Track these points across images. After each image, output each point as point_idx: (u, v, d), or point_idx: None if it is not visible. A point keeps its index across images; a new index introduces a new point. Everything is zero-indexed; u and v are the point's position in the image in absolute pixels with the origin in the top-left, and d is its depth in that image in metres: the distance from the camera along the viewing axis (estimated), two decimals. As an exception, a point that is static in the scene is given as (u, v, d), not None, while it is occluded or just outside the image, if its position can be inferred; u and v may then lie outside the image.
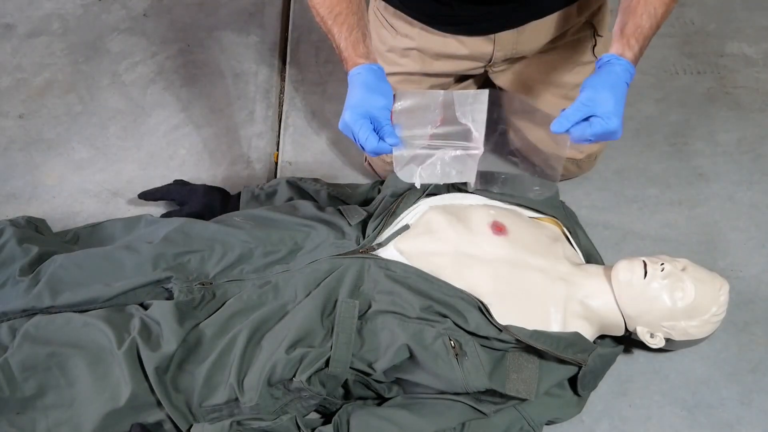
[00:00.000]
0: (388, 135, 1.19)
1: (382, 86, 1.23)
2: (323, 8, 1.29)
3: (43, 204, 1.75)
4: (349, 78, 1.25)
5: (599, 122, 1.17)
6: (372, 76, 1.23)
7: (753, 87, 1.97)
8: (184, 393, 1.26)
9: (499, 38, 1.48)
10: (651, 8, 1.23)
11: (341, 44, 1.27)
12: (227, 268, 1.36)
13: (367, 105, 1.20)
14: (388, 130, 1.20)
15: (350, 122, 1.20)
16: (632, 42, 1.22)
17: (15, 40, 2.12)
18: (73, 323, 1.28)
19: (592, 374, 1.33)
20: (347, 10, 1.27)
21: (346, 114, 1.20)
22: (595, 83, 1.19)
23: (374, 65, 1.25)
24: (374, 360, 1.28)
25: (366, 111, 1.20)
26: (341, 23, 1.27)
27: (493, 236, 1.37)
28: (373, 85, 1.22)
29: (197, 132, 1.90)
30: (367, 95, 1.21)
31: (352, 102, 1.21)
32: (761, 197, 1.73)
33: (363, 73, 1.24)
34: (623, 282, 1.34)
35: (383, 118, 1.20)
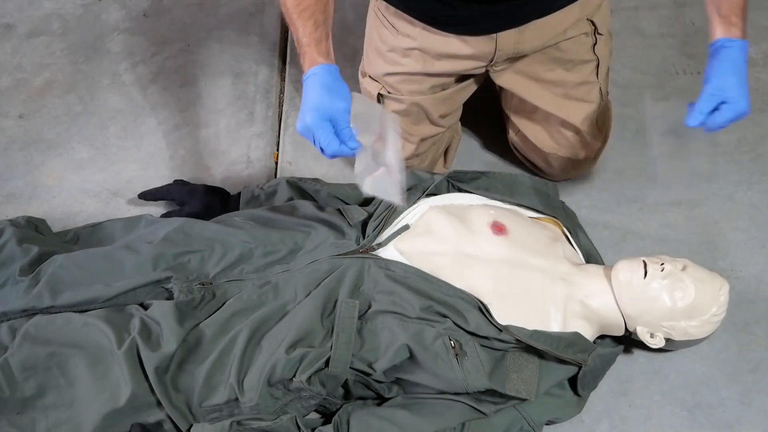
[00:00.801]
0: (349, 139, 1.19)
1: (341, 88, 1.22)
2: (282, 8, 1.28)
3: (43, 204, 1.75)
4: (307, 77, 1.23)
5: (729, 108, 1.22)
6: (330, 77, 1.22)
7: (753, 87, 1.95)
8: (184, 393, 1.26)
9: (501, 37, 1.48)
10: None
11: (303, 40, 1.24)
12: (227, 268, 1.36)
13: (328, 107, 1.19)
14: (348, 133, 1.19)
15: (312, 125, 1.18)
16: (734, 19, 1.24)
17: (15, 40, 2.12)
18: (73, 323, 1.28)
19: (592, 374, 1.33)
20: (314, 6, 1.25)
21: (307, 116, 1.19)
22: (717, 71, 1.22)
23: (333, 66, 1.24)
24: (374, 360, 1.28)
25: (326, 114, 1.19)
26: (307, 18, 1.24)
27: (493, 236, 1.37)
28: (333, 86, 1.21)
29: (197, 132, 1.90)
30: (327, 97, 1.20)
31: (312, 104, 1.20)
32: (761, 197, 1.73)
33: (321, 74, 1.22)
34: (623, 282, 1.34)
35: (343, 121, 1.19)
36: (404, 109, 1.57)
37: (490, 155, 1.83)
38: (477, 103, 1.79)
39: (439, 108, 1.60)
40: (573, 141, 1.63)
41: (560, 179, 1.74)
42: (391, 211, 1.41)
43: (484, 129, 1.86)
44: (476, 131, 1.87)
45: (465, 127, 1.85)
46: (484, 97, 1.79)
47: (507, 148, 1.79)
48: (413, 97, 1.55)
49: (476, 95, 1.71)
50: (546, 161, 1.70)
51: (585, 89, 1.59)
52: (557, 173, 1.72)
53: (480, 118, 1.86)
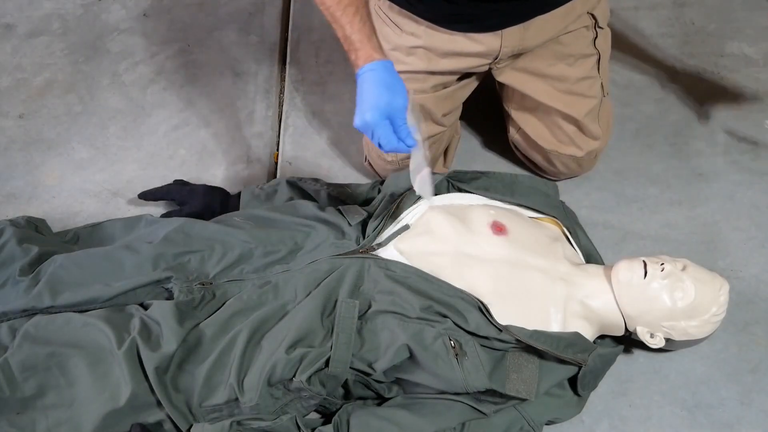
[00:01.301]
0: (407, 136, 1.21)
1: (399, 84, 1.22)
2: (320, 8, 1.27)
3: (43, 204, 1.75)
4: (362, 72, 1.23)
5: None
6: (388, 74, 1.23)
7: (753, 87, 1.97)
8: (184, 393, 1.26)
9: (506, 34, 1.48)
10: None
11: (352, 36, 1.24)
12: (227, 268, 1.36)
13: (387, 105, 1.20)
14: (406, 130, 1.21)
15: (372, 123, 1.20)
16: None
17: (15, 40, 2.12)
18: (73, 323, 1.28)
19: (592, 374, 1.33)
20: (354, 6, 1.25)
21: (367, 114, 1.20)
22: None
23: (388, 61, 1.24)
24: (374, 360, 1.28)
25: (386, 111, 1.20)
26: (353, 14, 1.24)
27: (493, 236, 1.37)
28: (391, 83, 1.22)
29: (197, 132, 1.90)
30: (386, 95, 1.20)
31: (372, 101, 1.20)
32: (761, 197, 1.73)
33: (379, 70, 1.22)
34: (623, 282, 1.34)
35: (401, 118, 1.21)
36: None
37: (490, 155, 1.83)
38: (477, 103, 1.79)
39: (440, 106, 1.60)
40: (574, 137, 1.63)
41: (560, 179, 1.74)
42: (391, 211, 1.41)
43: (484, 128, 1.86)
44: (476, 131, 1.87)
45: (465, 126, 1.85)
46: (485, 97, 1.79)
47: (507, 147, 1.79)
48: (414, 96, 1.55)
49: (477, 95, 1.71)
50: (547, 159, 1.70)
51: (587, 84, 1.59)
52: (558, 172, 1.72)
53: (480, 117, 1.86)
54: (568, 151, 1.65)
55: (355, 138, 1.84)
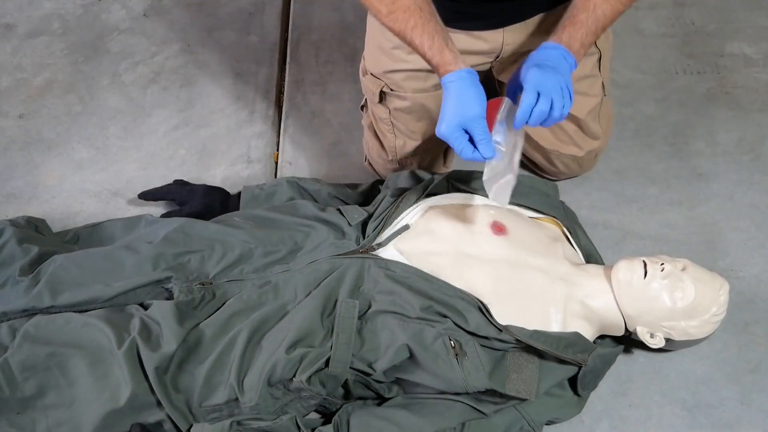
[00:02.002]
0: (484, 147, 1.23)
1: (474, 95, 1.25)
2: (398, 23, 1.30)
3: (43, 204, 1.75)
4: (443, 84, 1.28)
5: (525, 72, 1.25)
6: (463, 84, 1.26)
7: (753, 87, 1.97)
8: (184, 393, 1.26)
9: (508, 32, 1.48)
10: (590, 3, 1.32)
11: (427, 54, 1.29)
12: (227, 268, 1.36)
13: (461, 116, 1.23)
14: (484, 141, 1.23)
15: (446, 135, 1.24)
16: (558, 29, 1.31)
17: (15, 40, 2.13)
18: (73, 323, 1.28)
19: (592, 374, 1.33)
20: (422, 20, 1.29)
21: (443, 126, 1.24)
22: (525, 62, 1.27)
23: (463, 71, 1.27)
24: (374, 360, 1.28)
25: (460, 122, 1.23)
26: (421, 34, 1.29)
27: (493, 236, 1.37)
28: (465, 94, 1.25)
29: (197, 132, 1.90)
30: (460, 105, 1.24)
31: (447, 114, 1.24)
32: (761, 197, 1.73)
33: (455, 81, 1.26)
34: (623, 282, 1.34)
35: (478, 127, 1.23)
36: (407, 106, 1.57)
37: (490, 155, 1.83)
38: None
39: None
40: (575, 137, 1.63)
41: (560, 179, 1.74)
42: (391, 211, 1.41)
43: (484, 129, 1.86)
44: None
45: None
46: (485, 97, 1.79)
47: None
48: (416, 95, 1.55)
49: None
50: (547, 159, 1.70)
51: (588, 83, 1.59)
52: (558, 172, 1.72)
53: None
54: (569, 150, 1.66)
55: (355, 138, 1.84)
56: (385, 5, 1.29)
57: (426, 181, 1.50)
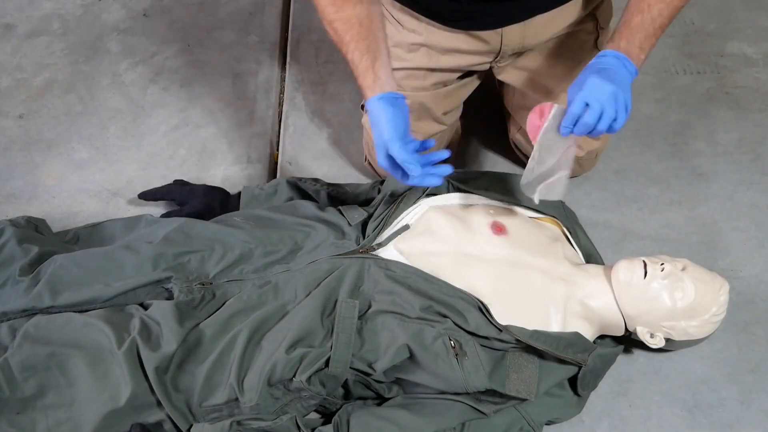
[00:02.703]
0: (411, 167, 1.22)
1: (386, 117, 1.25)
2: (336, 36, 1.31)
3: (43, 204, 1.75)
4: (367, 108, 1.30)
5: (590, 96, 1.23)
6: (376, 112, 1.27)
7: (753, 87, 1.97)
8: (184, 393, 1.26)
9: (507, 32, 1.48)
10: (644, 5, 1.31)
11: (354, 73, 1.31)
12: (227, 268, 1.36)
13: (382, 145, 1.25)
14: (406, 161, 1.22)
15: (385, 167, 1.27)
16: (615, 36, 1.28)
17: (15, 40, 2.12)
18: (73, 323, 1.28)
19: (592, 374, 1.33)
20: (358, 35, 1.29)
21: (379, 160, 1.26)
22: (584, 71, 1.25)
23: (374, 98, 1.28)
24: (374, 360, 1.28)
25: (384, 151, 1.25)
26: (352, 50, 1.30)
27: (493, 236, 1.37)
28: (378, 121, 1.26)
29: (197, 132, 1.90)
30: (377, 135, 1.26)
31: (376, 146, 1.27)
32: (761, 197, 1.73)
33: (370, 110, 1.28)
34: (623, 282, 1.34)
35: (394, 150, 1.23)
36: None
37: (490, 155, 1.83)
38: (478, 103, 1.79)
39: (441, 104, 1.60)
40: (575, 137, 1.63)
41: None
42: (391, 211, 1.41)
43: (485, 128, 1.86)
44: (477, 131, 1.87)
45: (465, 126, 1.85)
46: (485, 97, 1.79)
47: (508, 147, 1.79)
48: (415, 93, 1.55)
49: (477, 95, 1.71)
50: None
51: None
52: None
53: (480, 117, 1.86)
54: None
55: (355, 138, 1.84)
56: (329, 12, 1.30)
57: (426, 181, 1.50)
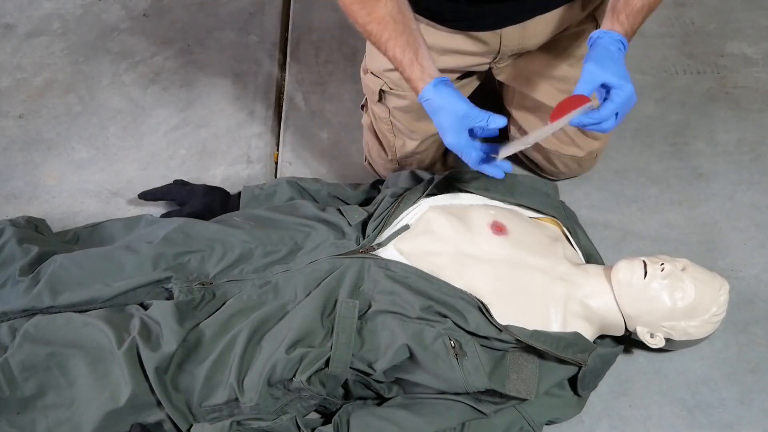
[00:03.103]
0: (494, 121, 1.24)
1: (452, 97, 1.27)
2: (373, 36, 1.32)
3: (43, 204, 1.75)
4: (421, 102, 1.30)
5: (616, 93, 1.18)
6: (439, 95, 1.27)
7: (753, 87, 1.97)
8: (184, 393, 1.26)
9: (506, 34, 1.48)
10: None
11: (399, 68, 1.32)
12: (227, 268, 1.36)
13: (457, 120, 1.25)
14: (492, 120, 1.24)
15: (455, 144, 1.26)
16: (621, 18, 1.24)
17: (15, 40, 2.13)
18: (73, 323, 1.28)
19: (592, 374, 1.33)
20: (395, 32, 1.30)
21: (448, 137, 1.26)
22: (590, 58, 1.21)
23: (431, 84, 1.28)
24: (374, 360, 1.28)
25: (459, 125, 1.25)
26: (393, 47, 1.30)
27: (493, 236, 1.37)
28: (446, 101, 1.27)
29: (197, 132, 1.90)
30: (449, 113, 1.26)
31: (444, 124, 1.27)
32: (761, 197, 1.73)
33: (431, 99, 1.28)
34: (623, 282, 1.34)
35: (475, 118, 1.24)
36: (406, 105, 1.57)
37: (490, 155, 1.83)
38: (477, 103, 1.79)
39: None
40: (575, 137, 1.63)
41: (561, 179, 1.74)
42: (391, 211, 1.41)
43: (485, 129, 1.86)
44: (476, 131, 1.87)
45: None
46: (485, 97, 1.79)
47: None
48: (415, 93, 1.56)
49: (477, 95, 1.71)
50: (547, 159, 1.70)
51: None
52: (558, 172, 1.72)
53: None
54: (569, 151, 1.66)
55: (355, 138, 1.84)
56: (361, 16, 1.31)
57: (426, 181, 1.50)
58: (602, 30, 1.25)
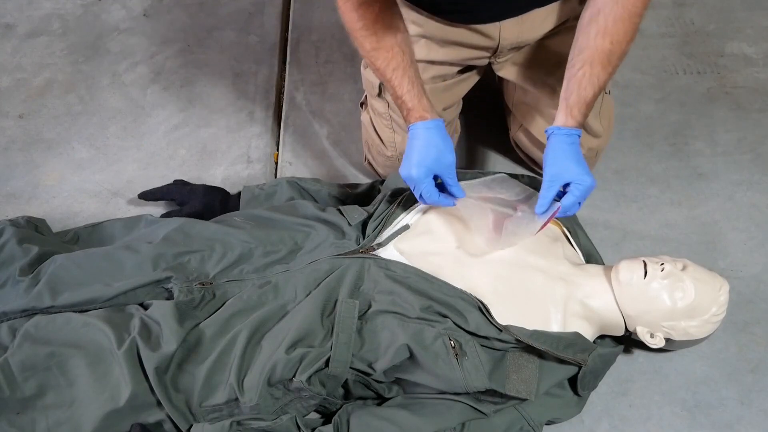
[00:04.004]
0: (456, 190, 1.34)
1: (447, 144, 1.33)
2: (380, 61, 1.36)
3: (43, 204, 1.75)
4: (413, 129, 1.34)
5: (576, 186, 1.28)
6: (437, 133, 1.33)
7: (753, 87, 1.97)
8: (184, 393, 1.26)
9: (504, 27, 1.48)
10: (594, 79, 1.31)
11: (404, 96, 1.36)
12: (227, 268, 1.36)
13: (435, 164, 1.31)
14: (455, 187, 1.33)
15: (417, 179, 1.31)
16: (575, 112, 1.32)
17: (15, 40, 2.13)
18: (73, 323, 1.28)
19: (592, 374, 1.33)
20: (404, 63, 1.35)
21: (414, 170, 1.31)
22: (551, 160, 1.31)
23: (437, 120, 1.35)
24: (374, 360, 1.28)
25: (431, 168, 1.31)
26: (401, 76, 1.35)
27: (493, 236, 1.37)
28: (441, 144, 1.32)
29: (197, 132, 1.90)
30: (435, 154, 1.31)
31: (419, 158, 1.31)
32: (761, 197, 1.73)
33: (430, 129, 1.33)
34: (623, 282, 1.34)
35: (449, 175, 1.32)
36: None
37: (490, 154, 1.83)
38: (477, 103, 1.79)
39: (440, 99, 1.60)
40: None
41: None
42: (391, 211, 1.41)
43: (485, 128, 1.86)
44: (477, 130, 1.87)
45: (465, 126, 1.85)
46: (485, 97, 1.79)
47: (508, 147, 1.79)
48: None
49: (477, 94, 1.71)
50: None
51: None
52: None
53: (480, 117, 1.86)
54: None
55: (355, 138, 1.84)
56: (369, 42, 1.34)
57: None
58: (556, 126, 1.32)
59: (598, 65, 1.32)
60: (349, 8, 1.32)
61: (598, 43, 1.31)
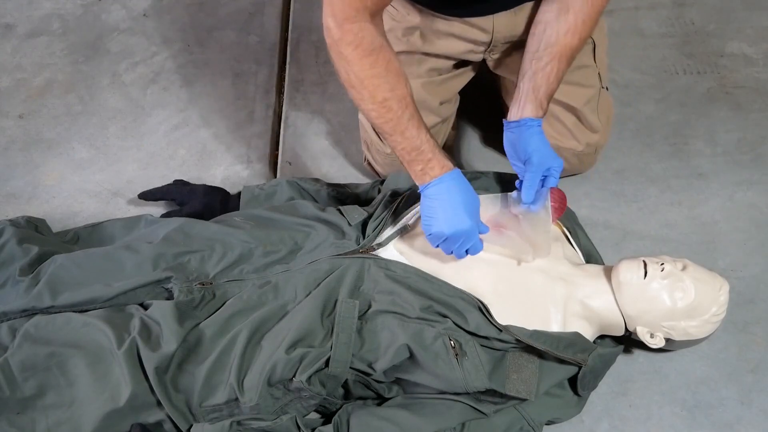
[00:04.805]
0: (475, 250, 1.31)
1: (470, 198, 1.30)
2: (392, 112, 1.29)
3: (43, 204, 1.75)
4: (442, 182, 1.29)
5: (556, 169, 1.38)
6: (464, 185, 1.30)
7: (753, 87, 1.97)
8: (184, 393, 1.26)
9: (498, 20, 1.49)
10: (561, 74, 1.40)
11: (423, 146, 1.29)
12: (227, 268, 1.36)
13: (461, 229, 1.27)
14: (477, 245, 1.30)
15: (470, 231, 1.28)
16: (545, 105, 1.40)
17: (15, 40, 2.13)
18: (73, 323, 1.28)
19: (592, 374, 1.33)
20: (417, 113, 1.30)
21: (467, 222, 1.27)
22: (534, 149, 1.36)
23: (458, 170, 1.31)
24: (374, 360, 1.28)
25: (477, 218, 1.30)
26: (418, 126, 1.29)
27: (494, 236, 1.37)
28: (467, 199, 1.29)
29: (197, 132, 1.90)
30: (476, 202, 1.31)
31: (466, 209, 1.28)
32: (761, 197, 1.73)
33: (460, 177, 1.30)
34: (623, 282, 1.34)
35: (473, 235, 1.29)
36: None
37: (490, 154, 1.83)
38: (476, 102, 1.79)
39: (436, 93, 1.60)
40: (573, 129, 1.63)
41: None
42: (391, 211, 1.41)
43: (484, 127, 1.86)
44: (476, 130, 1.87)
45: (464, 125, 1.85)
46: (484, 96, 1.79)
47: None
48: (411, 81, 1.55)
49: (476, 93, 1.71)
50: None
51: (583, 73, 1.59)
52: None
53: (480, 116, 1.86)
54: (568, 144, 1.65)
55: (355, 138, 1.84)
56: (382, 91, 1.27)
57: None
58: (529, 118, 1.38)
59: (565, 61, 1.40)
60: (359, 55, 1.24)
61: (567, 41, 1.38)
